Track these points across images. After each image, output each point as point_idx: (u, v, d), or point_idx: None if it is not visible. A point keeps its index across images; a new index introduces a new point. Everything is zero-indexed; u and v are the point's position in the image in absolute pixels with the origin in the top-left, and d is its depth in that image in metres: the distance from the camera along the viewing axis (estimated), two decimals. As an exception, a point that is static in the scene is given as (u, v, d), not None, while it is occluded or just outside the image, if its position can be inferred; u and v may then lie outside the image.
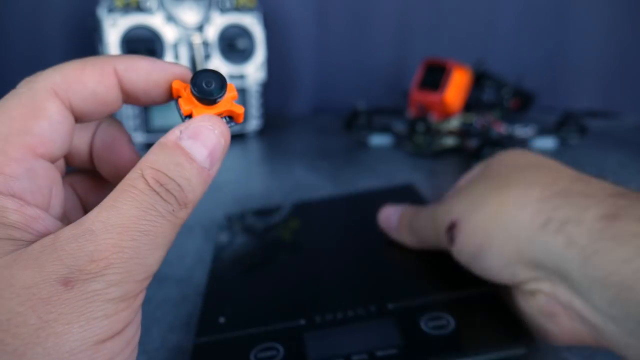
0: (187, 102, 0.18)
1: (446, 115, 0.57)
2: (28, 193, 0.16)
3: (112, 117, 0.21)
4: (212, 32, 0.58)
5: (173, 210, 0.15)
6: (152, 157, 0.16)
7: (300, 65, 0.77)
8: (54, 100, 0.16)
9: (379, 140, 0.61)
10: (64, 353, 0.13)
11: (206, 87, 0.17)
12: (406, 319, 0.23)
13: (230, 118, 0.19)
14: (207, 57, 0.59)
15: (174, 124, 0.59)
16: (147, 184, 0.15)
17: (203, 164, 0.16)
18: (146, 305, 0.29)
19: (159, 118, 0.58)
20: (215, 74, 0.17)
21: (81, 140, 0.20)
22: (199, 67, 0.58)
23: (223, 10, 0.59)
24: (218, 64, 0.59)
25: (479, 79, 0.60)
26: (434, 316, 0.23)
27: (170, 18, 0.56)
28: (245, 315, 0.25)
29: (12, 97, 0.16)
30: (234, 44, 0.60)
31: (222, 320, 0.25)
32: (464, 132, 0.57)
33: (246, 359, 0.22)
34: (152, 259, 0.15)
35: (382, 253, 0.30)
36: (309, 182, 0.48)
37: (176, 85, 0.18)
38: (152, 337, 0.26)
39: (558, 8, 0.77)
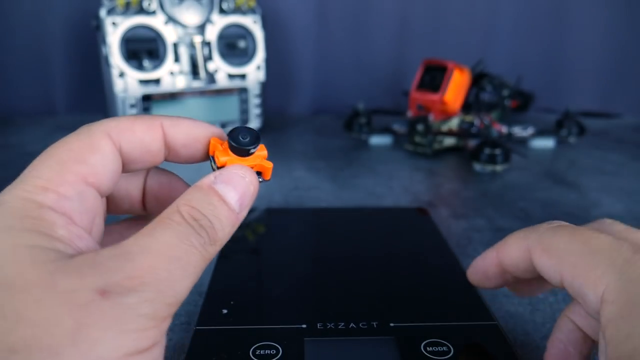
0: (223, 155, 0.20)
1: (446, 115, 0.57)
2: (76, 214, 0.17)
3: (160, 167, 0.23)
4: (213, 32, 0.59)
5: (204, 244, 0.17)
6: (188, 196, 0.18)
7: (300, 65, 0.77)
8: (108, 141, 0.19)
9: (379, 140, 0.62)
10: (94, 358, 0.14)
11: (242, 139, 0.19)
12: (407, 339, 0.23)
13: (259, 173, 0.20)
14: (208, 57, 0.59)
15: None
16: (183, 217, 0.17)
17: (233, 207, 0.18)
18: (147, 304, 0.29)
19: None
20: (251, 131, 0.19)
21: (132, 185, 0.22)
22: (200, 67, 0.58)
23: (223, 10, 0.59)
24: (218, 64, 0.59)
25: (479, 79, 0.60)
26: (434, 342, 0.23)
27: (171, 18, 0.57)
28: (248, 311, 0.26)
29: (72, 135, 0.18)
30: (234, 44, 0.60)
31: (224, 311, 0.25)
32: (463, 132, 0.57)
33: (245, 354, 0.22)
34: (181, 285, 0.16)
35: (391, 271, 0.30)
36: (309, 182, 0.49)
37: (213, 141, 0.20)
38: (152, 336, 0.26)
39: (557, 9, 0.77)
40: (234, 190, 0.19)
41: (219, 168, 0.20)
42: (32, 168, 0.17)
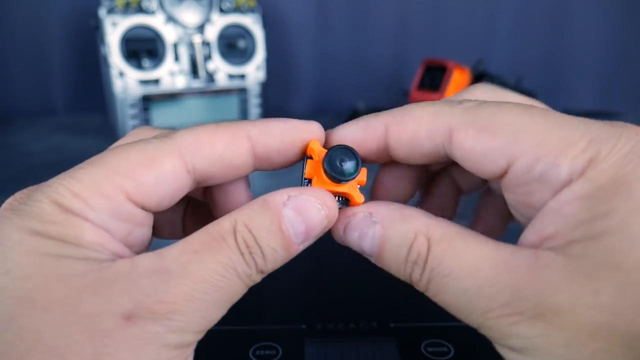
0: (313, 167, 0.17)
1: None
2: (105, 226, 0.15)
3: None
4: (212, 32, 0.59)
5: (250, 275, 0.16)
6: (249, 213, 0.16)
7: (300, 65, 0.77)
8: (173, 159, 0.16)
9: (378, 140, 0.61)
10: None
11: (339, 164, 0.17)
12: (407, 340, 0.23)
13: (346, 200, 0.18)
14: (207, 57, 0.59)
15: (174, 124, 0.59)
16: (236, 241, 0.15)
17: (294, 239, 0.16)
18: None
19: (159, 118, 0.58)
20: (353, 155, 0.17)
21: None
22: (199, 67, 0.58)
23: (223, 10, 0.59)
24: (218, 63, 0.59)
25: (479, 79, 0.60)
26: (435, 342, 0.23)
27: (171, 18, 0.57)
28: (248, 311, 0.26)
29: (142, 142, 0.17)
30: (234, 44, 0.60)
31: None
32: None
33: (245, 354, 0.22)
34: (215, 315, 0.15)
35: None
36: (309, 182, 0.49)
37: (313, 145, 0.18)
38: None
39: (557, 8, 0.77)
40: (304, 222, 0.16)
41: (305, 179, 0.17)
42: (79, 167, 0.16)
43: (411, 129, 0.17)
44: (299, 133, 0.18)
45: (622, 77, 0.81)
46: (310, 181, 0.17)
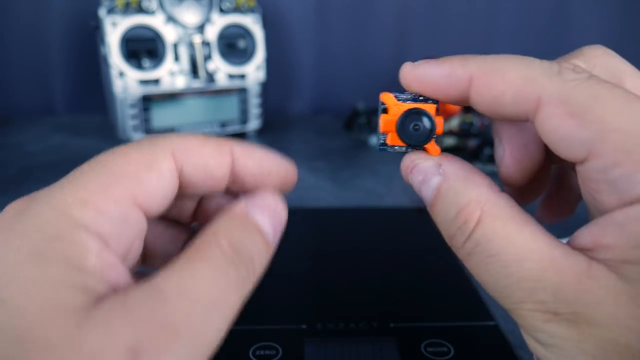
0: (388, 123, 0.17)
1: (446, 115, 0.57)
2: (114, 237, 0.15)
3: None
4: (212, 32, 0.59)
5: (244, 280, 0.16)
6: (225, 225, 0.16)
7: (300, 65, 0.77)
8: (170, 160, 0.17)
9: (378, 140, 0.62)
10: None
11: (412, 130, 0.17)
12: (407, 340, 0.23)
13: (421, 148, 0.18)
14: (207, 57, 0.59)
15: (174, 125, 0.59)
16: (223, 251, 0.15)
17: (269, 239, 0.17)
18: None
19: (158, 119, 0.58)
20: (428, 120, 0.17)
21: (185, 207, 0.20)
22: (199, 67, 0.58)
23: (223, 10, 0.59)
24: (218, 63, 0.59)
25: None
26: (435, 342, 0.23)
27: (171, 18, 0.57)
28: (248, 311, 0.26)
29: (133, 145, 0.17)
30: (234, 44, 0.60)
31: None
32: (464, 132, 0.57)
33: (245, 354, 0.22)
34: (218, 333, 0.14)
35: (391, 271, 0.30)
36: (309, 182, 0.49)
37: (387, 100, 0.18)
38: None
39: (558, 8, 0.77)
40: (269, 219, 0.17)
41: (380, 133, 0.18)
42: (80, 173, 0.15)
43: (498, 89, 0.16)
44: (276, 165, 0.19)
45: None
46: (385, 135, 0.18)
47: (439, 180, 0.17)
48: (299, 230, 0.36)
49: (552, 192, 0.22)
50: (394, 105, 0.17)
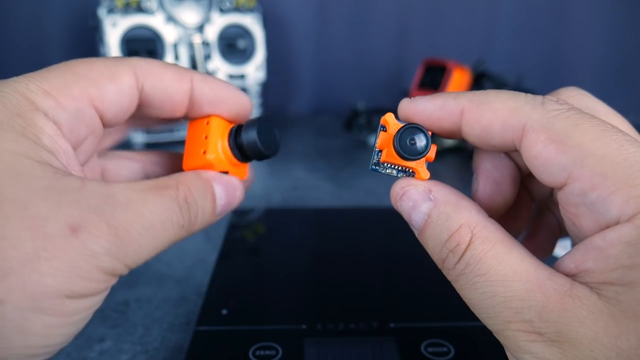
0: (385, 140, 0.18)
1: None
2: (67, 127, 0.17)
3: None
4: (212, 32, 0.59)
5: (182, 226, 0.17)
6: (188, 178, 0.18)
7: (300, 65, 0.77)
8: (131, 77, 0.18)
9: (378, 140, 0.61)
10: (37, 292, 0.14)
11: (409, 144, 0.18)
12: (407, 340, 0.23)
13: (412, 174, 0.19)
14: (207, 57, 0.59)
15: (173, 125, 0.58)
16: (177, 195, 0.17)
17: (217, 211, 0.19)
18: (146, 305, 0.29)
19: (159, 118, 0.58)
20: (424, 136, 0.18)
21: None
22: (199, 67, 0.58)
23: (223, 10, 0.59)
24: (218, 63, 0.59)
25: (479, 79, 0.60)
26: (435, 342, 0.23)
27: (171, 18, 0.57)
28: (248, 311, 0.26)
29: (101, 58, 0.18)
30: (234, 44, 0.60)
31: (224, 312, 0.25)
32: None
33: (245, 355, 0.22)
34: (144, 253, 0.16)
35: (391, 271, 0.30)
36: (309, 182, 0.49)
37: (388, 118, 0.18)
38: (152, 337, 0.26)
39: (558, 8, 0.77)
40: (225, 197, 0.20)
41: (376, 149, 0.18)
42: (46, 70, 0.17)
43: (487, 118, 0.17)
44: (232, 94, 0.21)
45: (622, 77, 0.81)
46: (380, 152, 0.18)
47: (430, 205, 0.17)
48: (299, 230, 0.36)
49: (531, 232, 0.23)
50: (393, 124, 0.18)
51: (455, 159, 0.56)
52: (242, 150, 0.21)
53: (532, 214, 0.23)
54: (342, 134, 0.64)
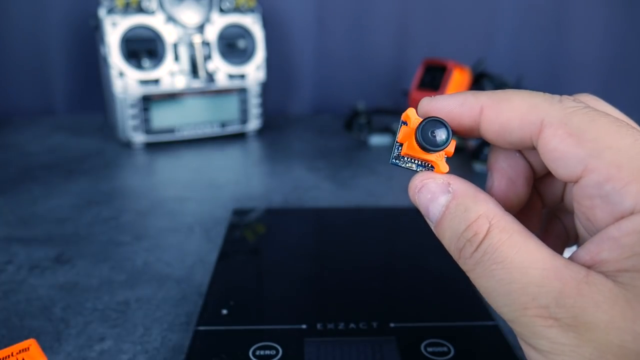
0: (406, 133, 0.19)
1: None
2: None
3: None
4: (212, 32, 0.59)
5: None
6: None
7: (300, 65, 0.77)
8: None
9: (379, 140, 0.62)
10: None
11: (430, 136, 0.18)
12: (407, 340, 0.23)
13: (431, 167, 0.19)
14: (207, 57, 0.59)
15: (174, 125, 0.59)
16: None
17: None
18: (146, 305, 0.29)
19: (158, 119, 0.58)
20: (445, 128, 0.18)
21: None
22: (199, 67, 0.58)
23: (223, 10, 0.59)
24: (218, 63, 0.59)
25: (479, 79, 0.60)
26: (435, 342, 0.23)
27: (171, 18, 0.57)
28: (248, 311, 0.26)
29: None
30: (234, 44, 0.60)
31: (224, 312, 0.25)
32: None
33: (245, 354, 0.22)
34: None
35: (391, 271, 0.30)
36: (309, 182, 0.49)
37: (409, 113, 0.19)
38: (152, 337, 0.26)
39: (558, 8, 0.77)
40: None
41: (396, 142, 0.19)
42: None
43: (506, 115, 0.18)
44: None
45: (622, 77, 0.81)
46: (401, 145, 0.19)
47: (448, 197, 0.18)
48: (299, 230, 0.36)
49: (540, 239, 0.23)
50: (414, 119, 0.18)
51: (456, 158, 0.56)
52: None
53: (545, 220, 0.23)
54: (342, 134, 0.64)
